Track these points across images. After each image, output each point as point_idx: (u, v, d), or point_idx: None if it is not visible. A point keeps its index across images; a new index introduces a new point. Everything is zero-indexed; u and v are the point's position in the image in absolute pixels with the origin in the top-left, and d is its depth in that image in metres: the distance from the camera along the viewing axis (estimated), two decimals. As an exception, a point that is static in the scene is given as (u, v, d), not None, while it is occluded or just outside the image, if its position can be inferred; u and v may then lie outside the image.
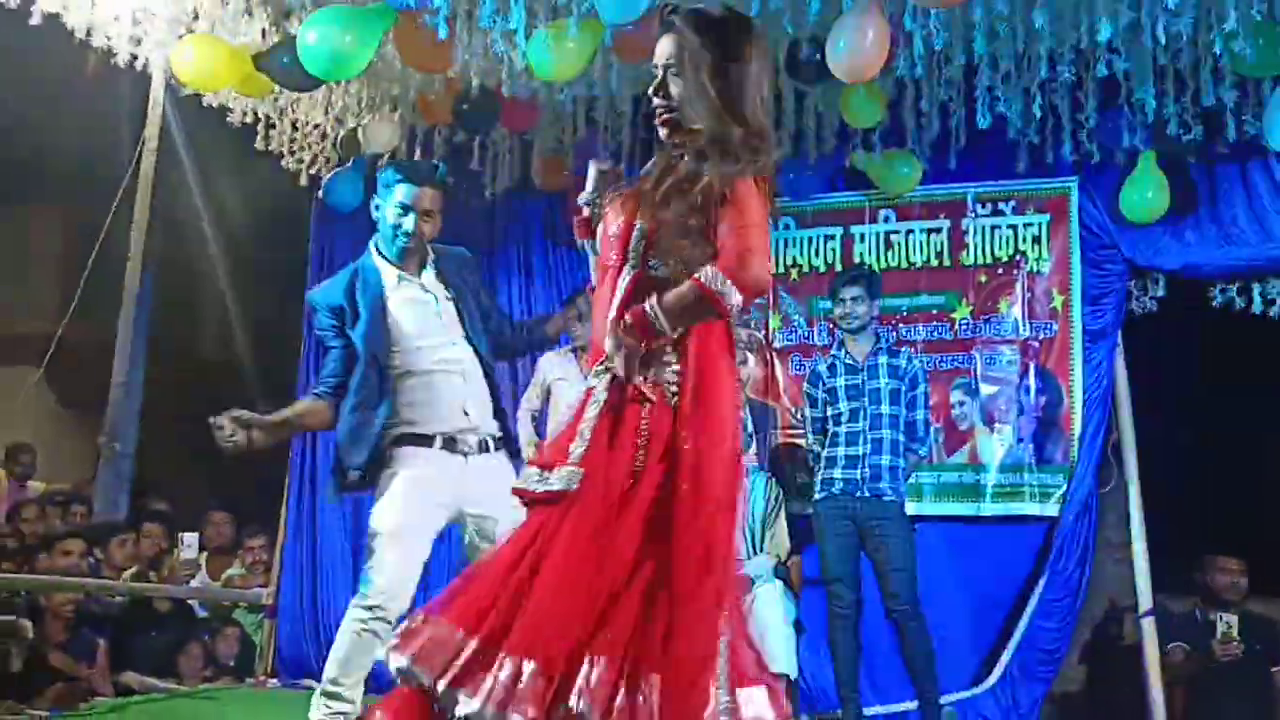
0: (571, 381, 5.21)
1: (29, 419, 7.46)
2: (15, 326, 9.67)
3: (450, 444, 3.41)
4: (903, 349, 5.07)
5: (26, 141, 8.23)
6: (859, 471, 4.57)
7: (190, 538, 6.45)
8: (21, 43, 4.92)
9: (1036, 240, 5.59)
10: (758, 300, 5.80)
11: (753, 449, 5.25)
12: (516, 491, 2.37)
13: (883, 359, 4.67)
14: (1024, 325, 5.55)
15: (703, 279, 2.23)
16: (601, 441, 2.28)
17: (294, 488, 6.35)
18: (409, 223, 3.49)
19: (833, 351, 4.84)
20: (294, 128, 5.77)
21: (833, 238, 5.86)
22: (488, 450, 3.48)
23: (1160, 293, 5.53)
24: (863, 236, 5.83)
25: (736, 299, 2.24)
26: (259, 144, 5.66)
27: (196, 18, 4.88)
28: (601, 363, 2.34)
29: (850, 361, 4.68)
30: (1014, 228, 5.64)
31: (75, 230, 8.59)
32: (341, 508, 6.28)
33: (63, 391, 6.74)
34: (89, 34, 4.81)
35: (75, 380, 6.47)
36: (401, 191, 3.49)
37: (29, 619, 4.92)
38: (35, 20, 4.54)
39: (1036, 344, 5.52)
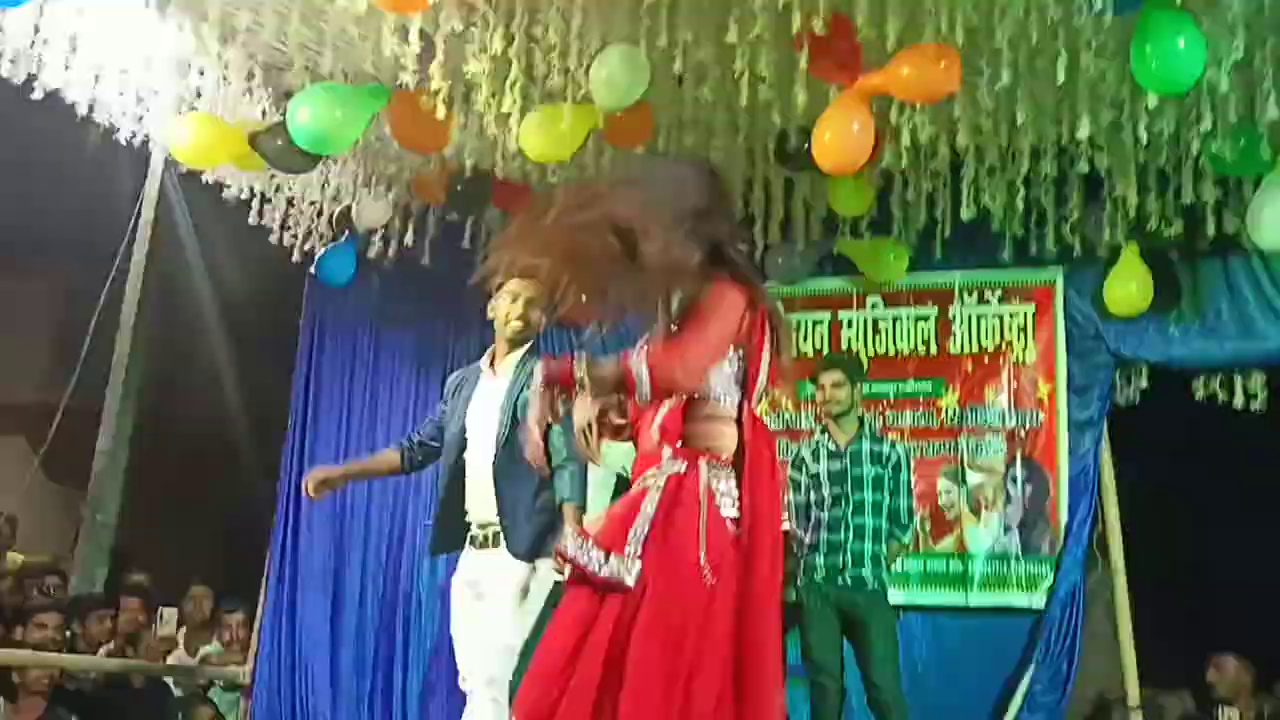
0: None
1: (11, 488, 7.40)
2: (3, 396, 9.65)
3: None
4: (886, 435, 5.08)
5: (24, 213, 8.28)
6: (841, 558, 4.54)
7: (169, 613, 6.37)
8: (23, 116, 4.99)
9: (1022, 330, 5.64)
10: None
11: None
12: (569, 560, 2.42)
13: (866, 445, 4.67)
14: (1010, 414, 5.57)
15: (630, 361, 2.42)
16: (657, 540, 2.39)
17: (275, 563, 6.29)
18: None
19: (816, 436, 4.85)
20: (289, 204, 5.84)
21: (820, 323, 5.91)
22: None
23: (1144, 384, 5.57)
24: (850, 322, 5.88)
25: (646, 390, 2.40)
26: (253, 219, 5.72)
27: (199, 96, 4.97)
28: (652, 471, 2.48)
29: (833, 447, 4.68)
30: (1000, 317, 5.69)
31: (68, 302, 8.63)
32: (323, 588, 6.24)
33: (48, 462, 6.69)
34: (91, 110, 4.88)
35: (61, 451, 6.43)
36: None
37: (2, 694, 4.84)
38: (37, 95, 4.61)
39: (1023, 433, 5.53)
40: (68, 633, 5.47)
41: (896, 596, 4.97)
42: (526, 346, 3.72)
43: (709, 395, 2.51)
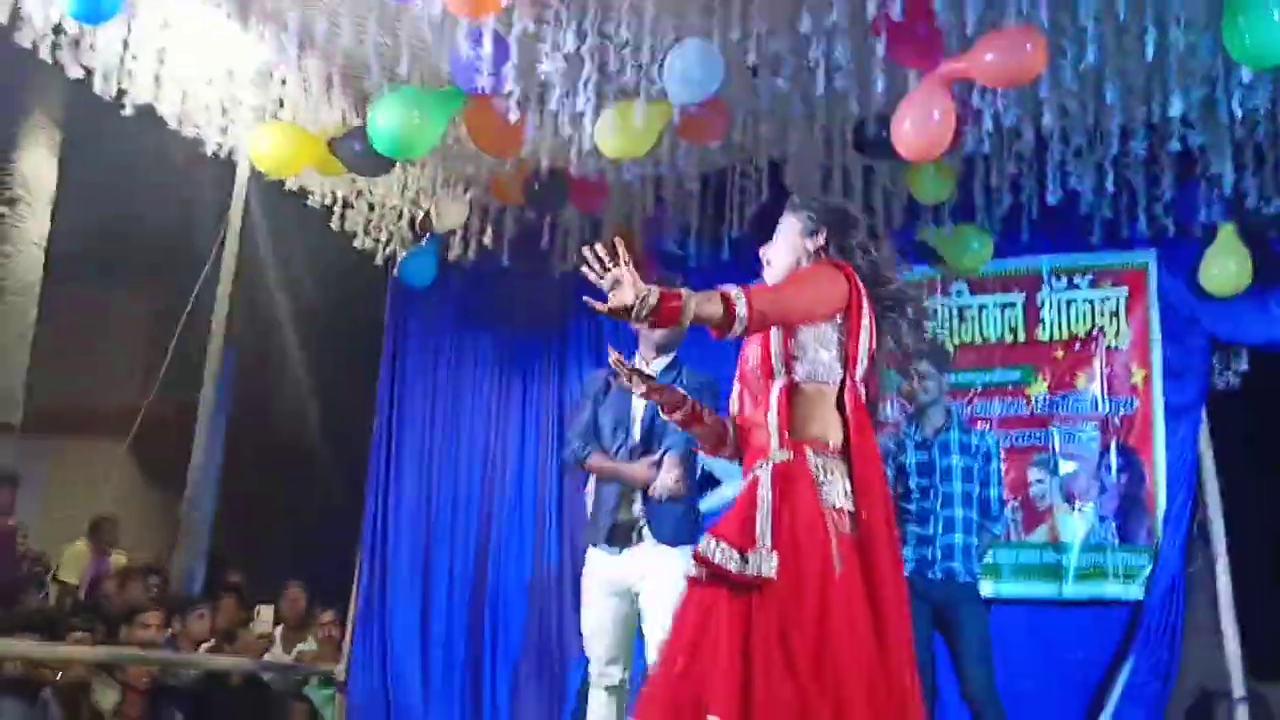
0: None
1: (112, 492, 7.64)
2: (101, 401, 9.97)
3: None
4: (975, 425, 4.98)
5: (116, 224, 8.56)
6: (930, 551, 4.46)
7: (266, 610, 6.52)
8: (115, 132, 5.13)
9: (1114, 314, 5.50)
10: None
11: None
12: (709, 564, 2.44)
13: (954, 435, 4.58)
14: (1103, 401, 5.43)
15: (729, 290, 2.53)
16: (780, 530, 2.42)
17: (365, 563, 6.40)
18: None
19: (903, 428, 4.77)
20: (370, 208, 5.92)
21: (904, 313, 5.81)
22: None
23: (1244, 367, 5.39)
24: (935, 311, 5.78)
25: (743, 311, 2.49)
26: (335, 224, 5.81)
27: (281, 105, 5.06)
28: (759, 462, 2.55)
29: (920, 438, 4.60)
30: (1090, 302, 5.55)
31: (159, 309, 8.88)
32: (412, 585, 6.32)
33: (145, 465, 6.90)
34: (179, 123, 5.01)
35: (158, 455, 6.62)
36: None
37: (110, 691, 5.00)
38: (128, 110, 4.74)
39: (1117, 420, 5.39)
40: (169, 631, 5.64)
41: (988, 589, 4.88)
42: (672, 355, 4.04)
43: (812, 375, 2.59)
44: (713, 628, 2.36)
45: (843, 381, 2.60)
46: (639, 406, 3.98)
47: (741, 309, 2.47)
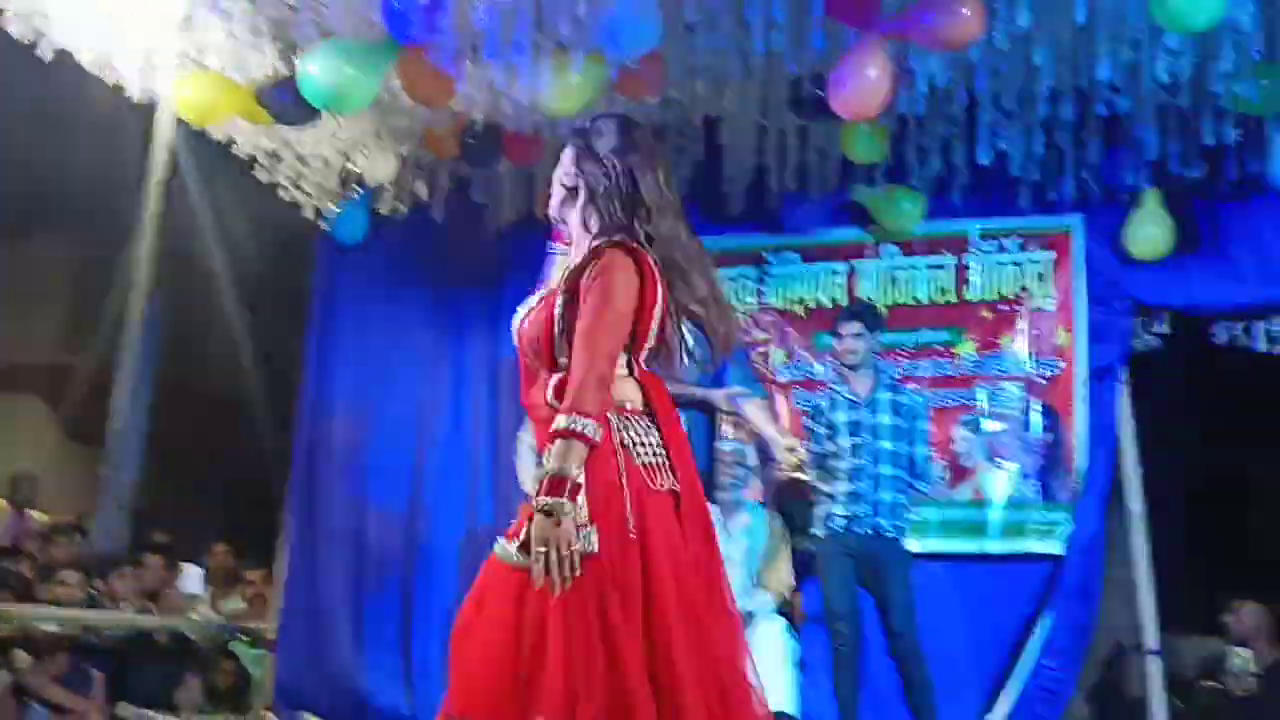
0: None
1: (32, 448, 7.46)
2: (21, 356, 9.70)
3: None
4: (905, 385, 5.05)
5: (36, 174, 8.27)
6: (859, 508, 4.54)
7: (193, 569, 6.43)
8: (33, 76, 4.95)
9: (1041, 277, 5.59)
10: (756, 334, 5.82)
11: (755, 483, 5.22)
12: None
13: (884, 395, 4.65)
14: (1028, 362, 5.53)
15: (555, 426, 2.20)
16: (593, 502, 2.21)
17: (295, 521, 6.33)
18: None
19: (834, 386, 4.83)
20: (300, 161, 5.80)
21: (837, 273, 5.87)
22: None
23: (1164, 329, 5.51)
24: (867, 272, 5.83)
25: (579, 424, 2.17)
26: (263, 176, 5.68)
27: (205, 52, 4.92)
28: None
29: (851, 397, 4.66)
30: (1018, 264, 5.64)
31: (81, 262, 8.65)
32: (343, 543, 6.27)
33: (67, 422, 6.74)
34: (100, 69, 4.85)
35: (79, 411, 6.47)
36: None
37: (26, 650, 4.90)
38: (47, 55, 4.58)
39: (1041, 380, 5.50)
40: (91, 590, 5.54)
41: (914, 545, 4.97)
42: None
43: None
44: (534, 614, 2.18)
45: (630, 356, 2.37)
46: None
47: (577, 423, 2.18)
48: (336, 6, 4.35)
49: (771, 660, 4.53)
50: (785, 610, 4.86)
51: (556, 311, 2.38)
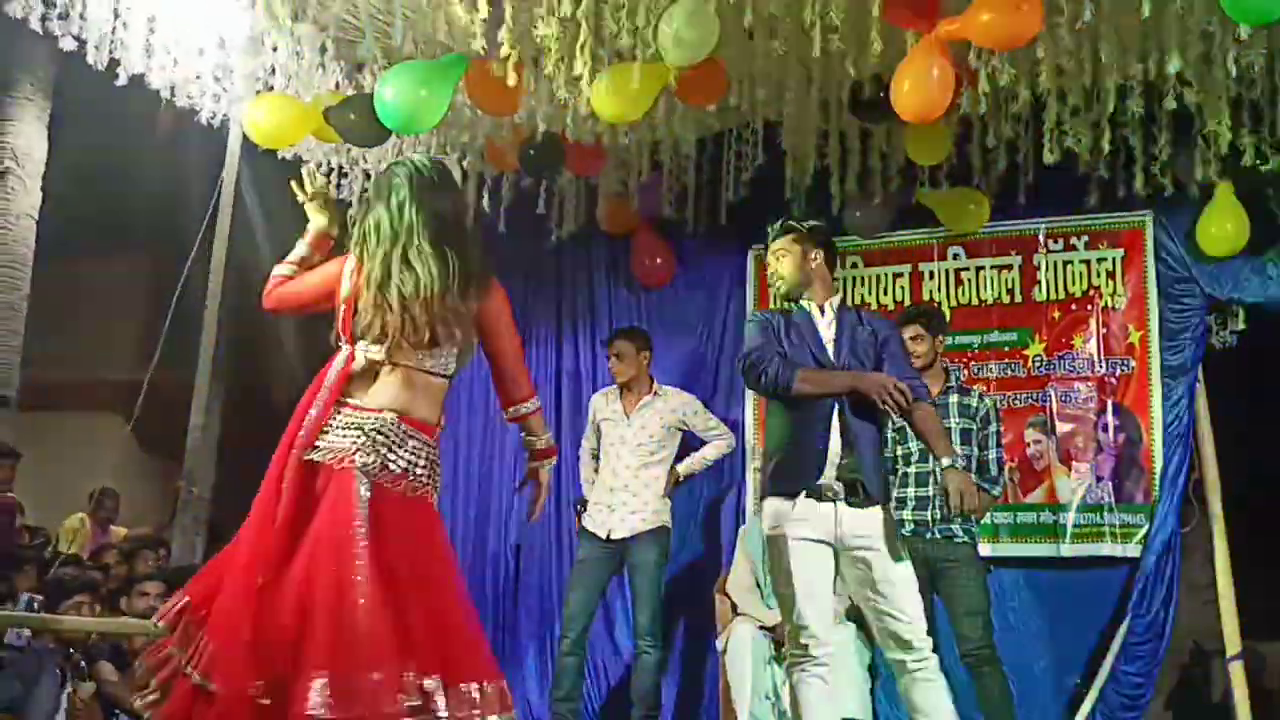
0: (615, 421, 5.30)
1: (111, 464, 7.64)
2: (97, 374, 9.95)
3: None
4: (974, 386, 4.99)
5: (109, 196, 8.50)
6: (929, 513, 4.49)
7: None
8: (108, 103, 5.09)
9: (1111, 275, 5.50)
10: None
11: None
12: None
13: (953, 397, 4.60)
14: (1100, 361, 5.44)
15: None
16: None
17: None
18: None
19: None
20: (365, 176, 5.89)
21: (901, 275, 5.82)
22: None
23: (1240, 327, 5.39)
24: (932, 274, 5.78)
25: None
26: (331, 194, 5.76)
27: (273, 73, 5.02)
28: None
29: (918, 401, 4.60)
30: (1087, 263, 5.55)
31: (153, 280, 8.84)
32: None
33: (143, 437, 6.88)
34: (171, 92, 4.97)
35: (155, 426, 6.61)
36: None
37: (111, 661, 5.02)
38: (122, 81, 4.70)
39: (1113, 380, 5.41)
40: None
41: (986, 549, 4.91)
42: (840, 294, 3.80)
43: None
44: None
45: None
46: (829, 334, 3.68)
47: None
48: (400, 23, 4.41)
49: (843, 666, 4.50)
50: (855, 617, 4.82)
51: None
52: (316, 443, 2.86)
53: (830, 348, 3.65)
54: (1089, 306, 5.49)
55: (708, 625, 5.55)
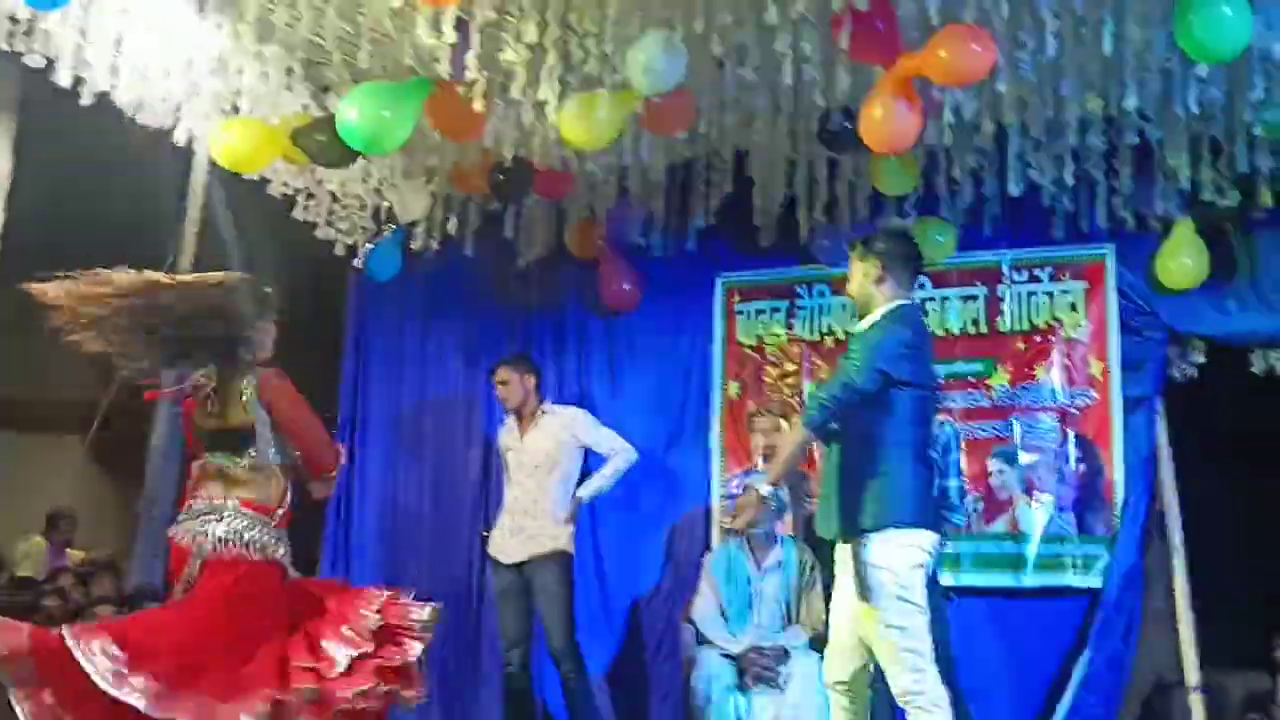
0: (514, 447, 5.43)
1: (68, 487, 7.54)
2: (55, 395, 9.80)
3: None
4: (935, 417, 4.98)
5: (74, 215, 8.39)
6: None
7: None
8: (72, 121, 5.05)
9: (1073, 307, 5.55)
10: (787, 366, 5.81)
11: (787, 518, 5.20)
12: None
13: (915, 426, 4.60)
14: (1062, 392, 5.48)
15: None
16: None
17: (328, 563, 6.35)
18: None
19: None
20: (333, 198, 5.87)
21: (866, 305, 5.83)
22: None
23: (1200, 359, 5.45)
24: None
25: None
26: (298, 214, 5.75)
27: (239, 94, 5.00)
28: None
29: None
30: (1050, 294, 5.60)
31: (119, 300, 8.73)
32: (381, 579, 6.28)
33: (103, 459, 6.80)
34: (136, 112, 4.94)
35: (114, 448, 6.54)
36: None
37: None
38: (87, 100, 4.66)
39: (1075, 411, 5.45)
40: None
41: (949, 579, 4.91)
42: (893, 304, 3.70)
43: None
44: None
45: None
46: None
47: None
48: (367, 46, 4.41)
49: (807, 695, 4.49)
50: (820, 645, 4.81)
51: None
52: None
53: None
54: (1052, 337, 5.53)
55: (674, 650, 5.54)
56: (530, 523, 5.23)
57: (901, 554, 3.42)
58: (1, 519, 8.68)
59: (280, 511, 3.58)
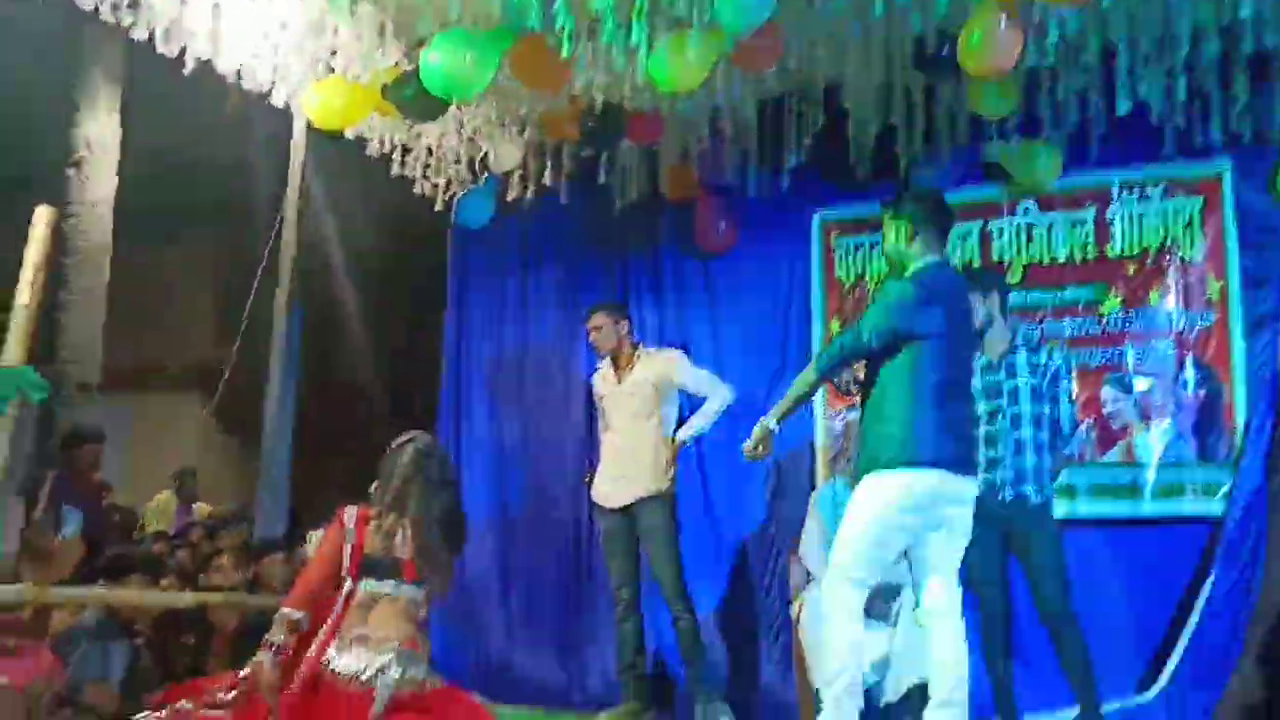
0: (611, 393, 5.43)
1: (192, 444, 7.85)
2: (175, 357, 10.19)
3: None
4: (1043, 344, 4.87)
5: (180, 181, 8.66)
6: (1000, 474, 4.42)
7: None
8: (174, 88, 5.19)
9: (1188, 226, 5.34)
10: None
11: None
12: None
13: (1021, 355, 4.51)
14: (1178, 315, 5.31)
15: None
16: None
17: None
18: None
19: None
20: (429, 152, 5.94)
21: (969, 235, 5.71)
22: None
23: (1326, 273, 5.22)
24: (1001, 231, 5.67)
25: None
26: (395, 170, 5.84)
27: (334, 54, 5.07)
28: None
29: (984, 361, 4.53)
30: (1163, 214, 5.40)
31: (225, 263, 9.03)
32: (489, 523, 6.43)
33: (222, 417, 7.05)
34: (237, 77, 5.05)
35: (233, 406, 6.78)
36: None
37: (195, 635, 5.17)
38: (189, 67, 4.78)
39: (1192, 335, 5.27)
40: (251, 574, 5.80)
41: (1063, 509, 4.83)
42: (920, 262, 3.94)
43: None
44: None
45: None
46: None
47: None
48: (458, 2, 4.42)
49: (913, 631, 4.48)
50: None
51: None
52: None
53: None
54: (1166, 259, 5.34)
55: (783, 589, 5.56)
56: (632, 467, 5.27)
57: (878, 493, 3.73)
58: (130, 478, 9.09)
59: None
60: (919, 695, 4.51)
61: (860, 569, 3.76)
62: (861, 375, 4.02)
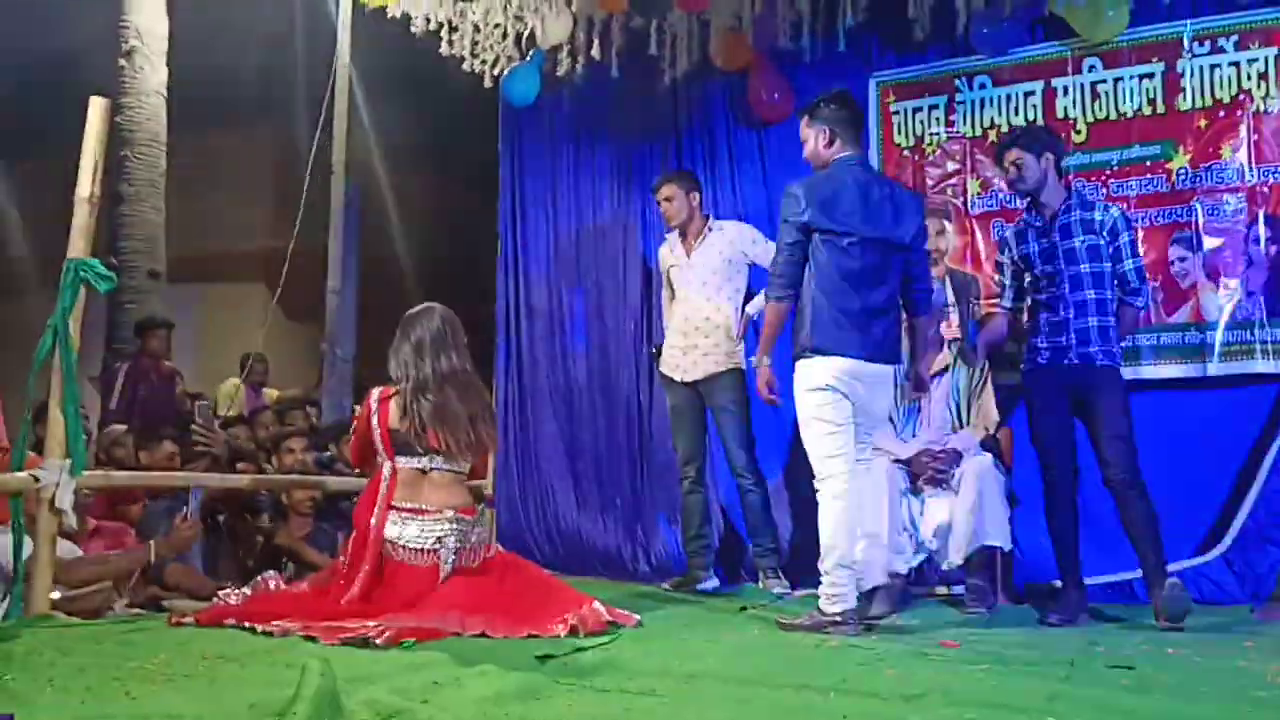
0: (680, 265, 5.39)
1: (259, 331, 7.98)
2: (238, 244, 10.31)
3: None
4: (1098, 201, 4.73)
5: (230, 69, 8.62)
6: (1064, 338, 4.36)
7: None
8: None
9: (1263, 76, 5.13)
10: (950, 167, 5.61)
11: (953, 319, 5.09)
12: None
13: (1075, 215, 4.38)
14: (1250, 171, 5.13)
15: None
16: None
17: (501, 382, 6.60)
18: None
19: (1022, 215, 4.60)
20: (475, 29, 5.85)
21: (1032, 93, 5.54)
22: None
23: None
24: (1066, 89, 5.49)
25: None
26: (443, 49, 5.77)
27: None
28: None
29: (1039, 223, 4.43)
30: (1236, 65, 5.18)
31: (287, 150, 9.03)
32: (550, 399, 6.51)
33: (285, 303, 7.16)
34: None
35: (296, 292, 6.86)
36: None
37: (270, 511, 5.34)
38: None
39: (1265, 189, 5.10)
40: (328, 454, 5.94)
41: (1129, 372, 4.77)
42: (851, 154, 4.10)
43: None
44: None
45: None
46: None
47: None
48: None
49: (983, 496, 4.50)
50: (993, 446, 4.78)
51: None
52: None
53: None
54: (1238, 112, 5.15)
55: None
56: (703, 340, 5.27)
57: (802, 377, 3.96)
58: (200, 365, 9.31)
59: None
60: (980, 559, 4.56)
61: (819, 446, 3.97)
62: None
